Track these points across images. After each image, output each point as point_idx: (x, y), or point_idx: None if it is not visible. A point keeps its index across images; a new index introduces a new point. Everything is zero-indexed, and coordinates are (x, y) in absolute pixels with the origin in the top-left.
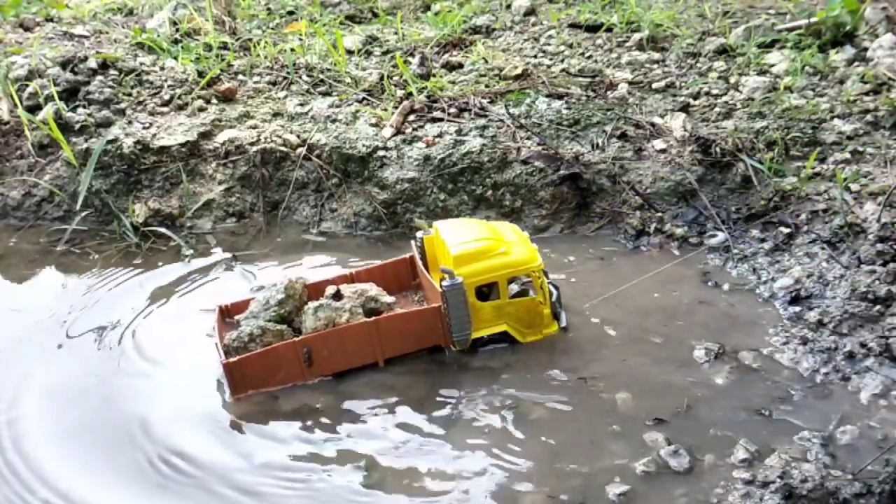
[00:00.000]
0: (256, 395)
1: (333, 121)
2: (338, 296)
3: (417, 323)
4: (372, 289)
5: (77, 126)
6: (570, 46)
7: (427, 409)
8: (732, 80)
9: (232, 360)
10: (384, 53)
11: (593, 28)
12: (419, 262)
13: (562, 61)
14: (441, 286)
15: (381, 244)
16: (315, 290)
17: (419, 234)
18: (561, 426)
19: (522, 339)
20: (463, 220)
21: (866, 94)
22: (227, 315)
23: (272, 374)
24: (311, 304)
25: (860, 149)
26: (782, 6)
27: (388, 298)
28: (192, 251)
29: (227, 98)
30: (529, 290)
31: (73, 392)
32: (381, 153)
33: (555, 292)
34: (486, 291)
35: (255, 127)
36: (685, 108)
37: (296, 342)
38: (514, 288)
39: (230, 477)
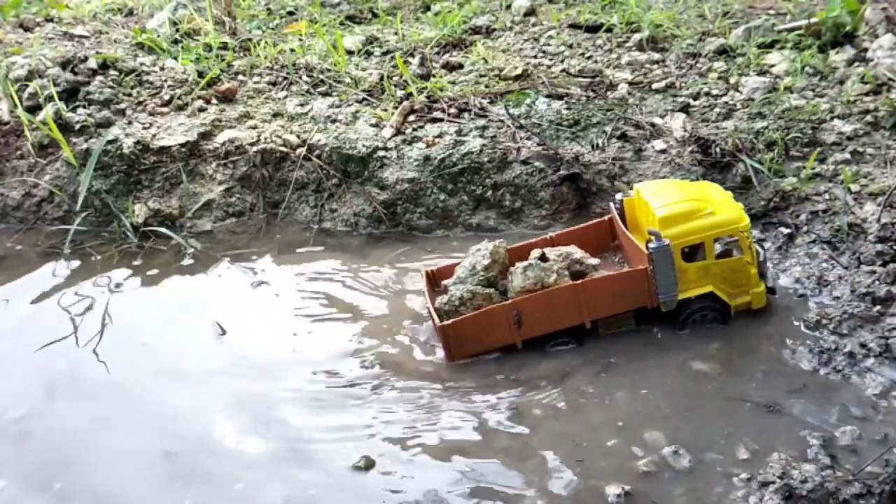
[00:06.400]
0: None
1: (333, 121)
2: (544, 258)
3: (624, 284)
4: (576, 251)
5: (77, 126)
6: (570, 47)
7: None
8: (732, 80)
9: (447, 322)
10: (384, 54)
11: (593, 28)
12: (620, 224)
13: (562, 61)
14: (647, 248)
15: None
16: (516, 255)
17: (619, 196)
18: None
19: (730, 302)
20: (666, 181)
21: (866, 94)
22: (434, 281)
23: (485, 336)
24: (520, 265)
25: (860, 149)
26: (782, 6)
27: (593, 261)
28: (192, 249)
29: (227, 98)
30: (734, 251)
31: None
32: (381, 153)
33: (762, 252)
34: (690, 252)
35: (255, 127)
36: (685, 109)
37: (506, 305)
38: (718, 248)
39: None
